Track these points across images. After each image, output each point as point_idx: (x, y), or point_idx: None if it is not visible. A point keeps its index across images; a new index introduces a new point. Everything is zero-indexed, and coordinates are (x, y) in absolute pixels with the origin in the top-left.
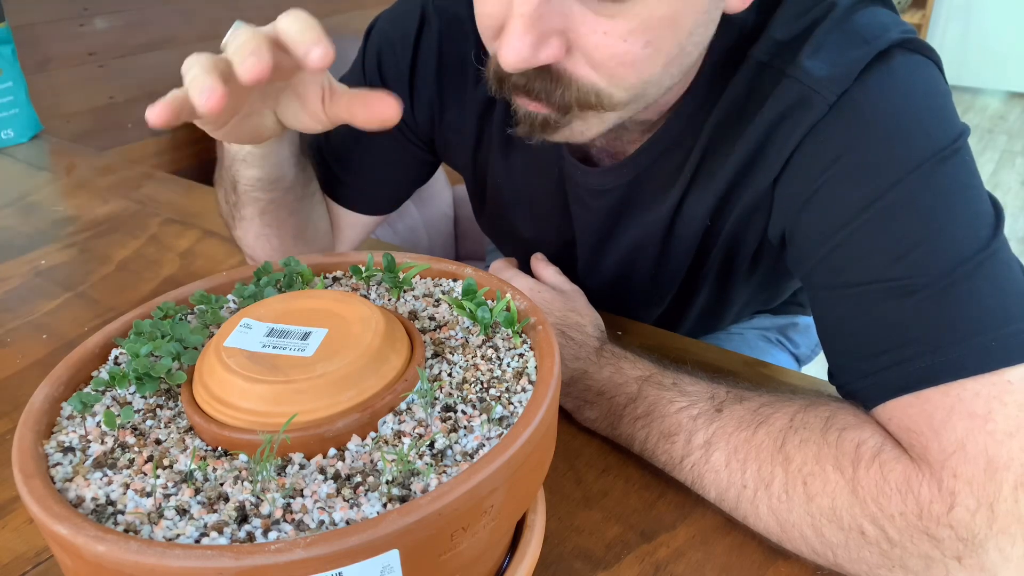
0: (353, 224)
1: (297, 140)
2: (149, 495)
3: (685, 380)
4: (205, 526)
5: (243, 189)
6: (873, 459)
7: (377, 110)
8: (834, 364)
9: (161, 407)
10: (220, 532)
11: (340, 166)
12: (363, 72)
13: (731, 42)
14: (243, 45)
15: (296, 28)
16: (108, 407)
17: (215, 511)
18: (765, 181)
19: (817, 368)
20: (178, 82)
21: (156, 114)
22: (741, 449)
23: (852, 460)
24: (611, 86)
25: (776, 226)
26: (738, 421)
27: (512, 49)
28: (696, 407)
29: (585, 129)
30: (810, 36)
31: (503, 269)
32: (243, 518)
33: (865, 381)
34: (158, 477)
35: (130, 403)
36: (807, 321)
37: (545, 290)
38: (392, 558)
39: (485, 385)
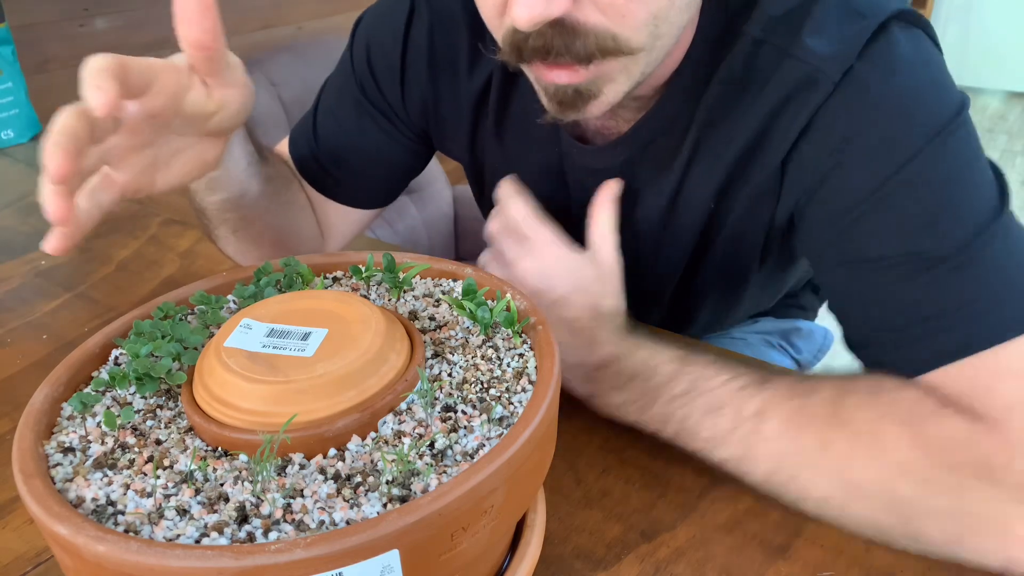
0: (346, 220)
1: (251, 151)
2: (149, 495)
3: (722, 357)
4: (205, 526)
5: (212, 213)
6: (932, 415)
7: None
8: (860, 337)
9: (161, 407)
10: (220, 532)
11: (332, 162)
12: (352, 65)
13: (722, 17)
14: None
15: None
16: (108, 407)
17: (215, 511)
18: (772, 163)
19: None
20: None
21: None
22: (795, 417)
23: (912, 417)
24: (624, 28)
25: (784, 208)
26: (788, 389)
27: (525, 5)
28: (740, 379)
29: (615, 91)
30: (808, 11)
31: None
32: (243, 518)
33: (901, 353)
34: (158, 477)
35: (130, 403)
36: (810, 326)
37: (586, 265)
38: (392, 558)
39: (485, 385)
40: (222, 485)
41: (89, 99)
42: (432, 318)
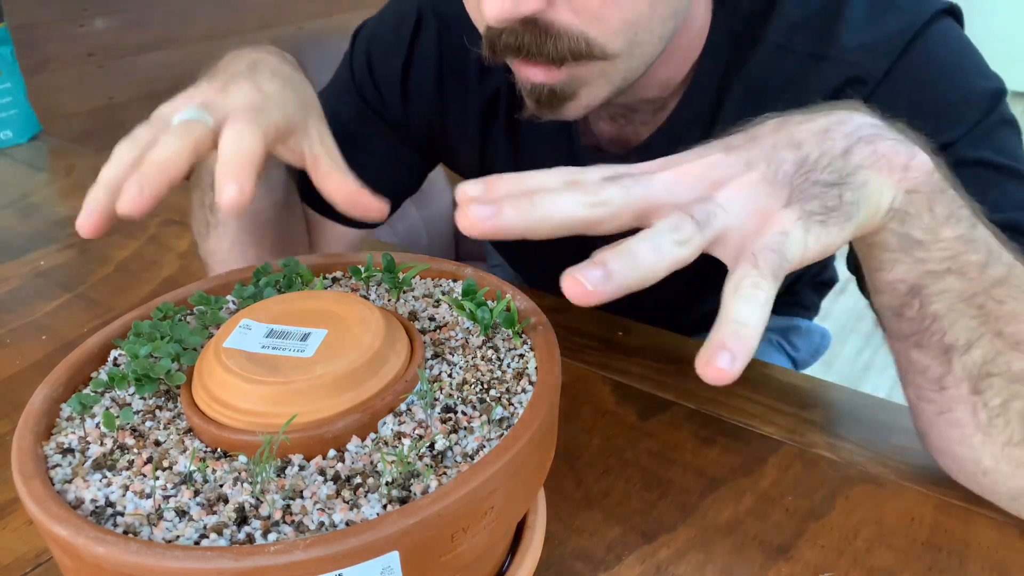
0: (339, 239)
1: None
2: (148, 496)
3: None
4: (204, 527)
5: None
6: None
7: (364, 208)
8: None
9: (160, 408)
10: (219, 533)
11: None
12: (352, 76)
13: (739, 23)
14: (148, 167)
15: (225, 155)
16: (107, 408)
17: (214, 512)
18: None
19: (811, 370)
20: (175, 82)
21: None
22: None
23: None
24: (599, 32)
25: None
26: None
27: (494, 2)
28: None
29: (593, 95)
30: (837, 12)
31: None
32: (243, 519)
33: None
34: (157, 479)
35: (129, 404)
36: (808, 325)
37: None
38: (392, 559)
39: (485, 386)
40: (221, 486)
41: (222, 194)
42: (432, 318)
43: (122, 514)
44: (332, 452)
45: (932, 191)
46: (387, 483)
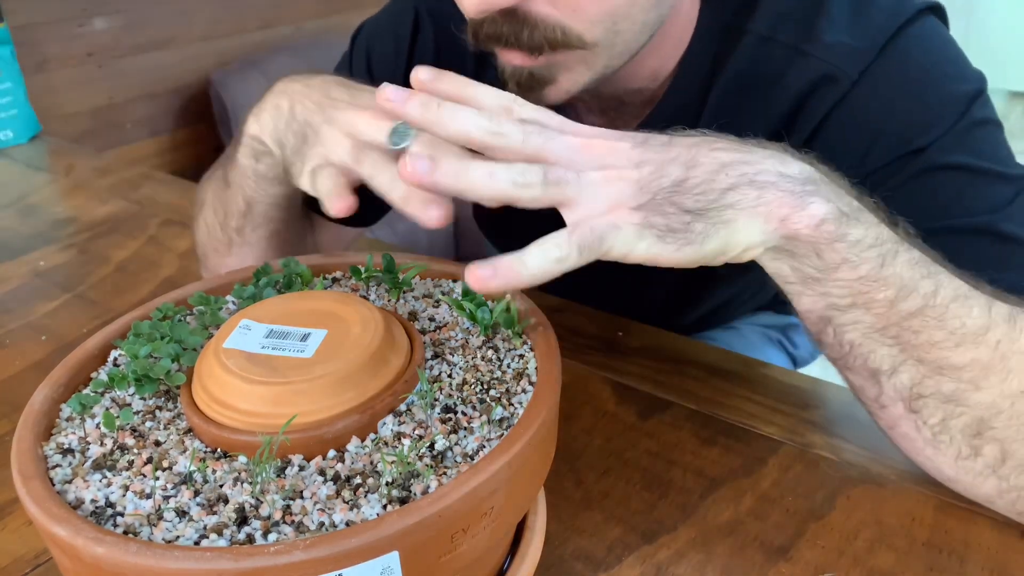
0: (335, 239)
1: None
2: (148, 497)
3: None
4: (204, 528)
5: (261, 210)
6: None
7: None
8: None
9: (160, 408)
10: (219, 534)
11: None
12: (350, 73)
13: (726, 14)
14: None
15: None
16: (107, 409)
17: (214, 513)
18: None
19: (811, 370)
20: (175, 82)
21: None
22: None
23: None
24: (575, 21)
25: None
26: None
27: None
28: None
29: (573, 80)
30: (820, 6)
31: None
32: (243, 520)
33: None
34: (157, 479)
35: (129, 404)
36: None
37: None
38: (392, 560)
39: (485, 386)
40: (221, 486)
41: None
42: (432, 319)
43: (122, 514)
44: (332, 452)
45: (818, 241)
46: (387, 483)
